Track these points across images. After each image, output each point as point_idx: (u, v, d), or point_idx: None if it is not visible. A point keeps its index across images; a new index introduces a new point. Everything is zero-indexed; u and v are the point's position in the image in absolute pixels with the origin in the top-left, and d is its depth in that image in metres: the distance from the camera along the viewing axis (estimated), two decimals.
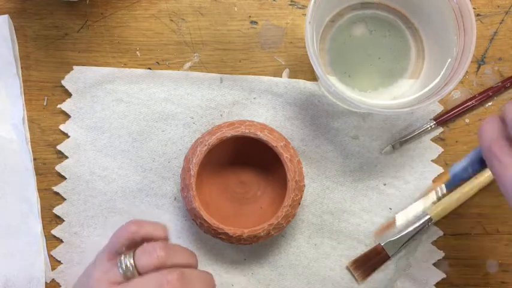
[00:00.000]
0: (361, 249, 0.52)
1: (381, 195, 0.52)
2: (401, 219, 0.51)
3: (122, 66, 0.53)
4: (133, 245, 0.41)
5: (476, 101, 0.52)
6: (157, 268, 0.39)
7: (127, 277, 0.39)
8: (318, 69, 0.43)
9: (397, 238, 0.51)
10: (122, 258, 0.40)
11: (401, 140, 0.51)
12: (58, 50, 0.53)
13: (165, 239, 0.42)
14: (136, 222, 0.41)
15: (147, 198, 0.52)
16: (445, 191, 0.51)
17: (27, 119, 0.53)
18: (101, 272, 0.40)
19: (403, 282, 0.51)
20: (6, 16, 0.52)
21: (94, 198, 0.52)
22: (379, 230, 0.51)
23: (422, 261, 0.51)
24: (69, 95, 0.53)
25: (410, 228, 0.51)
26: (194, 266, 0.42)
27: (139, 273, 0.39)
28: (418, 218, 0.51)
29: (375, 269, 0.51)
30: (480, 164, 0.40)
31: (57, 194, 0.53)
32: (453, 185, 0.51)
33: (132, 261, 0.39)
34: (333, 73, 0.49)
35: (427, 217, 0.51)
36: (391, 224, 0.51)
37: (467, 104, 0.52)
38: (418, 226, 0.51)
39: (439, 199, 0.51)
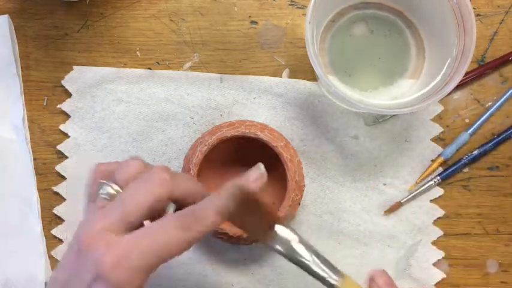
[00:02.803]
0: (361, 249, 0.52)
1: (381, 195, 0.52)
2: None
3: (122, 66, 0.53)
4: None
5: (480, 73, 0.52)
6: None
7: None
8: (318, 69, 0.43)
9: None
10: (102, 188, 0.36)
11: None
12: (58, 50, 0.53)
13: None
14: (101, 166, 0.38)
15: None
16: (439, 180, 0.51)
17: (27, 119, 0.53)
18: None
19: (403, 283, 0.51)
20: (6, 16, 0.52)
21: None
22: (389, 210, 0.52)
23: (422, 261, 0.51)
24: (69, 95, 0.53)
25: None
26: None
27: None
28: None
29: None
30: None
31: (57, 194, 0.53)
32: (448, 175, 0.51)
33: (110, 185, 0.35)
34: (333, 73, 0.49)
35: None
36: (397, 204, 0.51)
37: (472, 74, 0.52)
38: None
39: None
